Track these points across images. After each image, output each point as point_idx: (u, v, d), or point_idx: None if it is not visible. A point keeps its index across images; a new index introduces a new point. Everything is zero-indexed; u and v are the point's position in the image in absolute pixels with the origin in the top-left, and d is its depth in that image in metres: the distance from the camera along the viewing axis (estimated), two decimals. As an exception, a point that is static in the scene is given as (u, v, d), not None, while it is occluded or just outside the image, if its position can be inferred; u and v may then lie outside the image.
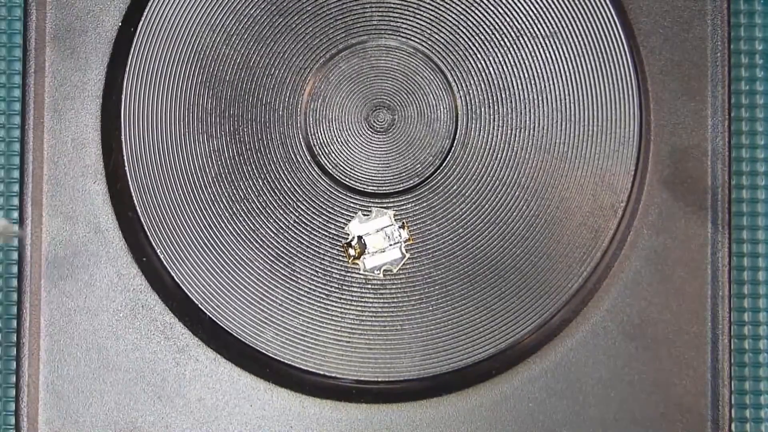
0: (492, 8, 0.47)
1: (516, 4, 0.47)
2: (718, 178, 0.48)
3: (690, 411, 0.47)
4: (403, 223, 0.45)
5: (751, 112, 0.52)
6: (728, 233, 0.47)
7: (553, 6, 0.47)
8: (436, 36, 0.47)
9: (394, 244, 0.45)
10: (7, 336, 0.50)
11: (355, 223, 0.45)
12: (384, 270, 0.45)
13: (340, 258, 0.46)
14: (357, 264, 0.45)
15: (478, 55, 0.47)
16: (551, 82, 0.46)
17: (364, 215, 0.45)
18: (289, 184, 0.46)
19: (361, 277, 0.46)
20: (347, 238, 0.45)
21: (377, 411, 0.47)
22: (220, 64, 0.46)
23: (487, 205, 0.46)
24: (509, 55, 0.47)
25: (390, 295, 0.45)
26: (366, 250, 0.45)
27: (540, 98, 0.46)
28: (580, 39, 0.47)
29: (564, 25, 0.47)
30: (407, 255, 0.45)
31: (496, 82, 0.47)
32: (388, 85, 0.47)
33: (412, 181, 0.46)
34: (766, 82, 0.52)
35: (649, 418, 0.47)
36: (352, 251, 0.45)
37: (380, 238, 0.45)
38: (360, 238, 0.45)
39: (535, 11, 0.47)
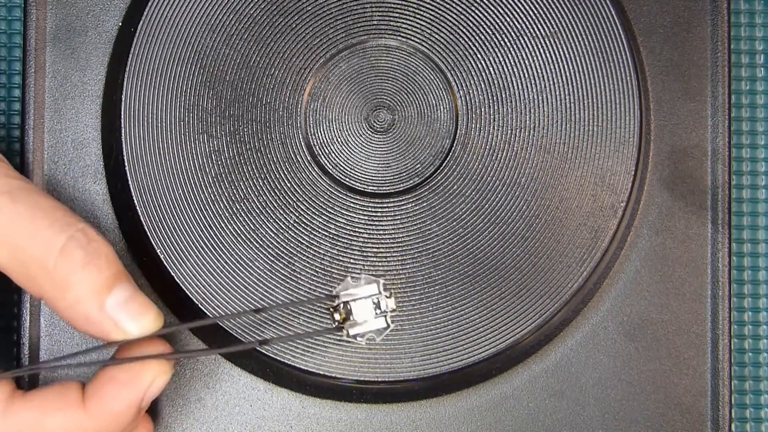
0: (492, 8, 0.47)
1: (516, 4, 0.47)
2: (718, 178, 0.48)
3: (690, 411, 0.47)
4: (391, 292, 0.43)
5: (751, 112, 0.52)
6: (728, 233, 0.47)
7: (553, 6, 0.47)
8: (436, 36, 0.47)
9: (381, 313, 0.43)
10: (8, 335, 0.50)
11: (342, 287, 0.43)
12: (367, 338, 0.44)
13: (340, 258, 0.46)
14: (341, 329, 0.43)
15: (478, 55, 0.47)
16: (551, 82, 0.46)
17: (353, 281, 0.43)
18: (289, 184, 0.46)
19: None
20: (333, 302, 0.43)
21: (377, 411, 0.47)
22: (220, 64, 0.46)
23: (487, 205, 0.46)
24: (509, 55, 0.47)
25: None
26: (351, 317, 0.43)
27: (540, 98, 0.46)
28: (580, 39, 0.47)
29: (564, 25, 0.47)
30: (392, 326, 0.44)
31: (496, 82, 0.47)
32: (388, 85, 0.47)
33: (412, 181, 0.46)
34: (767, 82, 0.52)
35: (649, 418, 0.47)
36: (337, 316, 0.43)
37: (367, 306, 0.43)
38: (346, 303, 0.43)
39: (535, 11, 0.47)
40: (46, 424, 0.40)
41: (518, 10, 0.47)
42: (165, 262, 0.45)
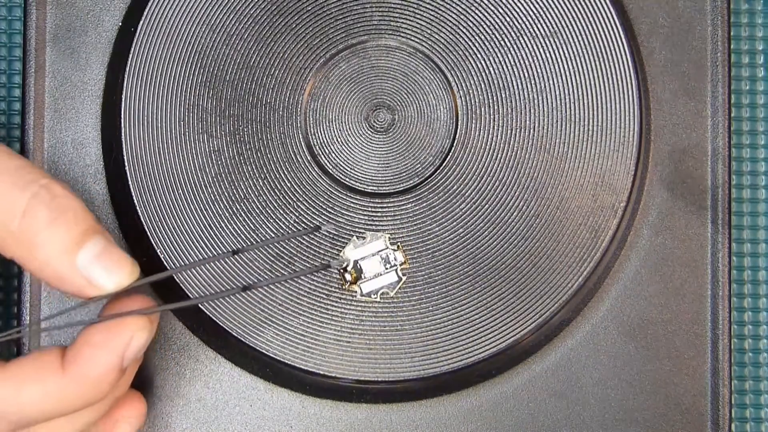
0: (492, 8, 0.47)
1: (516, 4, 0.47)
2: (718, 178, 0.48)
3: (690, 411, 0.47)
4: (398, 245, 0.45)
5: (751, 112, 0.52)
6: (728, 233, 0.47)
7: (553, 6, 0.47)
8: (436, 36, 0.47)
9: (390, 267, 0.45)
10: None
11: (350, 248, 0.45)
12: (381, 294, 0.45)
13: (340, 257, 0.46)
14: (354, 290, 0.45)
15: (478, 55, 0.47)
16: (551, 82, 0.46)
17: (359, 240, 0.45)
18: (289, 184, 0.46)
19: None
20: (343, 264, 0.45)
21: (377, 411, 0.47)
22: (220, 64, 0.46)
23: (487, 205, 0.46)
24: (509, 55, 0.47)
25: (390, 295, 0.45)
26: (362, 275, 0.45)
27: (540, 98, 0.46)
28: (580, 39, 0.47)
29: (564, 25, 0.47)
30: (404, 278, 0.45)
31: (496, 82, 0.47)
32: (388, 85, 0.47)
33: (412, 181, 0.46)
34: (767, 82, 0.52)
35: (649, 418, 0.47)
36: (348, 276, 0.45)
37: (376, 262, 0.45)
38: (355, 263, 0.45)
39: (535, 11, 0.47)
40: (23, 397, 0.38)
41: (518, 10, 0.47)
42: (165, 262, 0.45)
